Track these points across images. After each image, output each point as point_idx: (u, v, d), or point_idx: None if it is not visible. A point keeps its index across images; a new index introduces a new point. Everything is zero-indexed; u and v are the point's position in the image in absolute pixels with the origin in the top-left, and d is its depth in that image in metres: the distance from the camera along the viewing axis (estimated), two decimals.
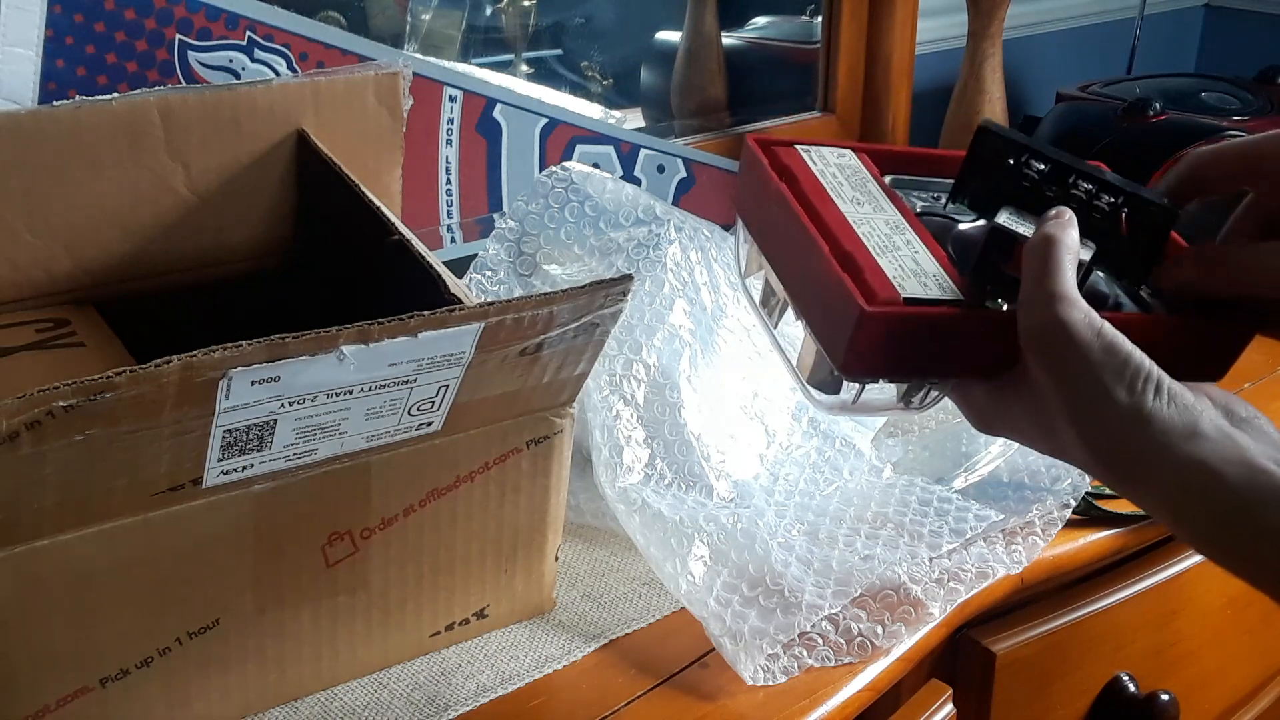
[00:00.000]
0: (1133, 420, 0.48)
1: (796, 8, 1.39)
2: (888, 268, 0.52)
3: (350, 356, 0.51)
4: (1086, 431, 0.50)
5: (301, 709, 0.62)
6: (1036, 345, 0.50)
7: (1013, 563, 0.73)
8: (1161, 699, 0.83)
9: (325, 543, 0.59)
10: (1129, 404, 0.48)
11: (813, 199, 0.56)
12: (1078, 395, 0.49)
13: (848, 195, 0.57)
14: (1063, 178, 0.54)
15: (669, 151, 1.16)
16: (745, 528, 0.70)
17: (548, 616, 0.70)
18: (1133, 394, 0.48)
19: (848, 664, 0.66)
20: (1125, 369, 0.48)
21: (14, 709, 0.54)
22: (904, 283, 0.51)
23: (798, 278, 0.56)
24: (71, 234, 0.70)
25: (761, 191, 0.58)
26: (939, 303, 0.52)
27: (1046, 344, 0.50)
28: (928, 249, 0.54)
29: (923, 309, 0.51)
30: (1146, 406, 0.48)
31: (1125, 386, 0.48)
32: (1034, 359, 0.51)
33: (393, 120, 0.78)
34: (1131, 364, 0.48)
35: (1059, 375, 0.50)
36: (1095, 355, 0.48)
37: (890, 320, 0.50)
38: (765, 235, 0.59)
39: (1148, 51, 1.57)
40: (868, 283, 0.51)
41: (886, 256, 0.53)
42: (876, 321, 0.50)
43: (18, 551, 0.50)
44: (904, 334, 0.51)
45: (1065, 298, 0.49)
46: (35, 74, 0.80)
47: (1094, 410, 0.49)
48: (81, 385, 0.45)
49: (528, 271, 0.81)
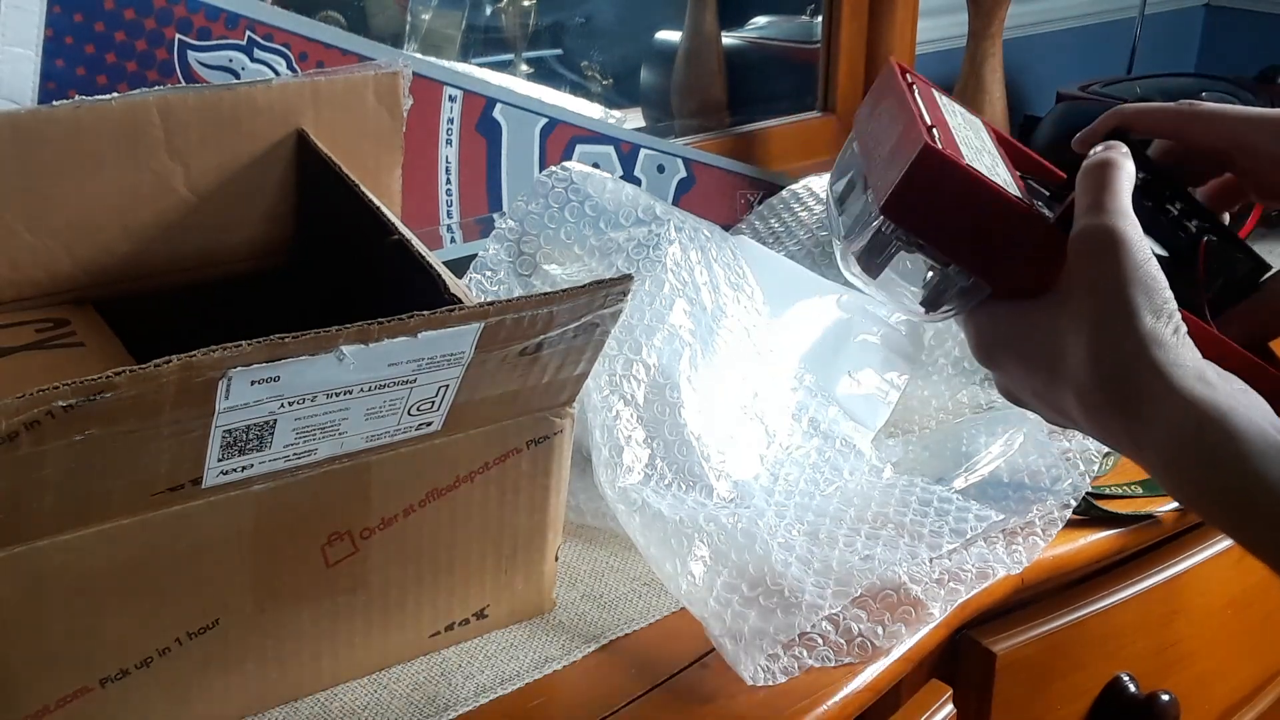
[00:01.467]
0: (1149, 343, 0.48)
1: (796, 7, 1.39)
2: (965, 152, 0.53)
3: (350, 356, 0.51)
4: (1101, 346, 0.49)
5: (301, 709, 0.62)
6: (1084, 248, 0.50)
7: (1013, 563, 0.73)
8: (1162, 699, 0.83)
9: (325, 542, 0.59)
10: (1150, 327, 0.48)
11: (925, 104, 0.57)
12: (1106, 305, 0.49)
13: (958, 120, 0.58)
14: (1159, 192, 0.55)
15: (669, 151, 1.16)
16: (745, 528, 0.70)
17: (548, 617, 0.70)
18: (1157, 320, 0.48)
19: (848, 664, 0.65)
20: (1158, 299, 0.49)
21: (14, 709, 0.54)
22: (974, 163, 0.52)
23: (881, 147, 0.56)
24: (71, 234, 0.70)
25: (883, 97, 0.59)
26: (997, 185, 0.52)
27: (1095, 248, 0.49)
28: (1010, 174, 0.55)
29: (979, 175, 0.51)
30: (1166, 335, 0.48)
31: (1153, 313, 0.48)
32: (1076, 262, 0.50)
33: (392, 120, 0.78)
34: (1166, 297, 0.49)
35: (1095, 283, 0.49)
36: (1138, 274, 0.49)
37: (946, 166, 0.51)
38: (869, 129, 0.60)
39: (1148, 51, 1.57)
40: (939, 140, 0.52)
41: (968, 150, 0.54)
42: (934, 161, 0.50)
43: (18, 551, 0.50)
44: (953, 189, 0.51)
45: (1123, 213, 0.50)
46: (35, 74, 0.80)
47: (1117, 324, 0.49)
48: (81, 385, 0.45)
49: (528, 271, 0.81)
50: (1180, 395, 0.47)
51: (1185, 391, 0.47)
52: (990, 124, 0.63)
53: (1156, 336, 0.48)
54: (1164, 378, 0.48)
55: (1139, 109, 0.60)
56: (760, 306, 0.86)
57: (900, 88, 0.57)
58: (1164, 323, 0.48)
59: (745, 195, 1.22)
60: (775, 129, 1.30)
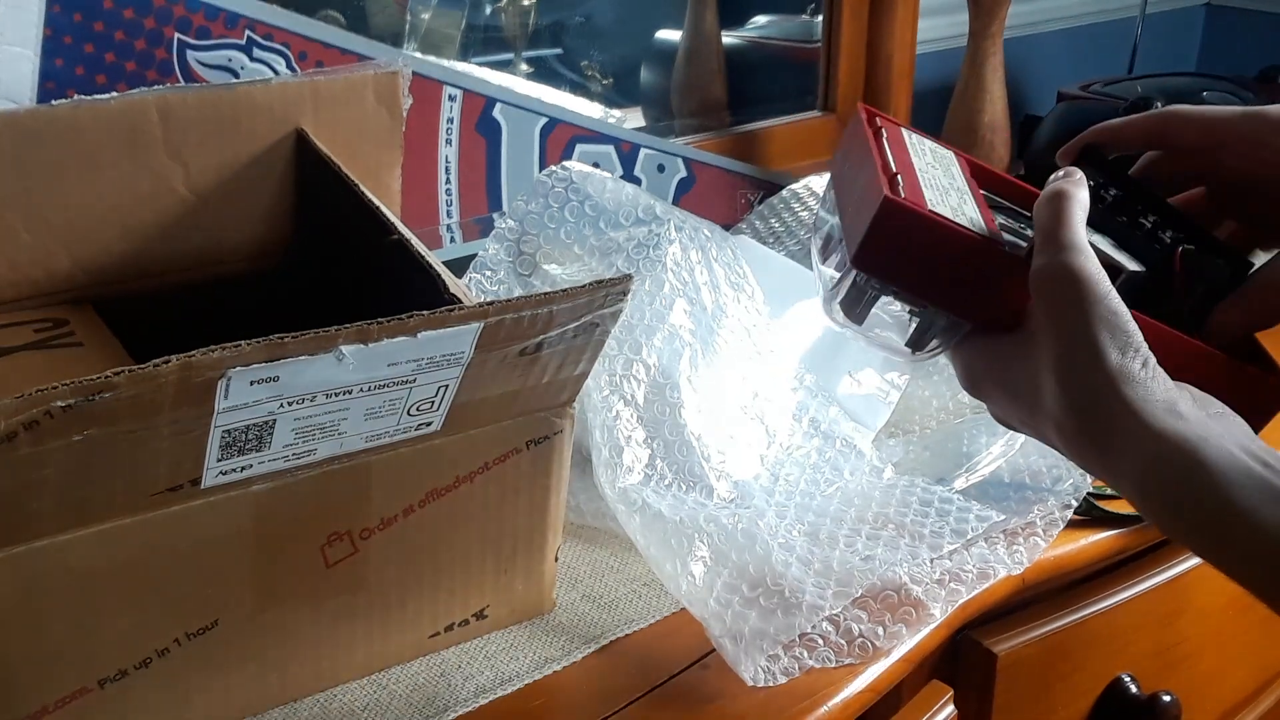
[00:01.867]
0: (1118, 380, 0.48)
1: (796, 7, 1.39)
2: (929, 195, 0.54)
3: (349, 356, 0.51)
4: (1070, 385, 0.50)
5: (301, 709, 0.62)
6: (1044, 288, 0.51)
7: (1014, 563, 0.73)
8: (1163, 700, 0.83)
9: (325, 543, 0.59)
10: (1117, 364, 0.49)
11: (891, 147, 0.58)
12: (1071, 345, 0.49)
13: (926, 160, 0.59)
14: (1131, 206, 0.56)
15: (669, 151, 1.16)
16: (745, 528, 0.70)
17: (548, 617, 0.70)
18: (1123, 356, 0.49)
19: (849, 665, 0.65)
20: (1122, 334, 0.49)
21: (13, 709, 0.54)
22: (938, 207, 0.53)
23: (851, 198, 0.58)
24: (70, 234, 0.70)
25: (851, 143, 0.61)
26: (960, 226, 0.53)
27: (1054, 287, 0.50)
28: (978, 209, 0.56)
29: (942, 219, 0.52)
30: (1134, 372, 0.49)
31: (1118, 348, 0.49)
32: (1038, 301, 0.51)
33: (392, 120, 0.78)
34: (1130, 331, 0.49)
35: (1058, 321, 0.50)
36: (1099, 310, 0.49)
37: (908, 216, 0.52)
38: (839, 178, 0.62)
39: (1149, 51, 1.57)
40: (900, 189, 0.53)
41: (933, 192, 0.55)
42: (895, 212, 0.52)
43: (17, 551, 0.50)
44: (916, 235, 0.52)
45: (1077, 247, 0.50)
46: (34, 73, 0.80)
47: (1083, 363, 0.49)
48: (80, 385, 0.44)
49: (528, 271, 0.81)
50: (1151, 430, 0.48)
51: (1156, 426, 0.48)
52: (964, 155, 0.64)
53: (1125, 373, 0.49)
54: (1135, 414, 0.48)
55: (1112, 125, 0.61)
56: (760, 306, 0.86)
57: (865, 135, 0.59)
58: (1131, 358, 0.49)
59: (745, 195, 1.22)
60: (775, 129, 1.30)
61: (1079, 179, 0.53)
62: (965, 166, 0.62)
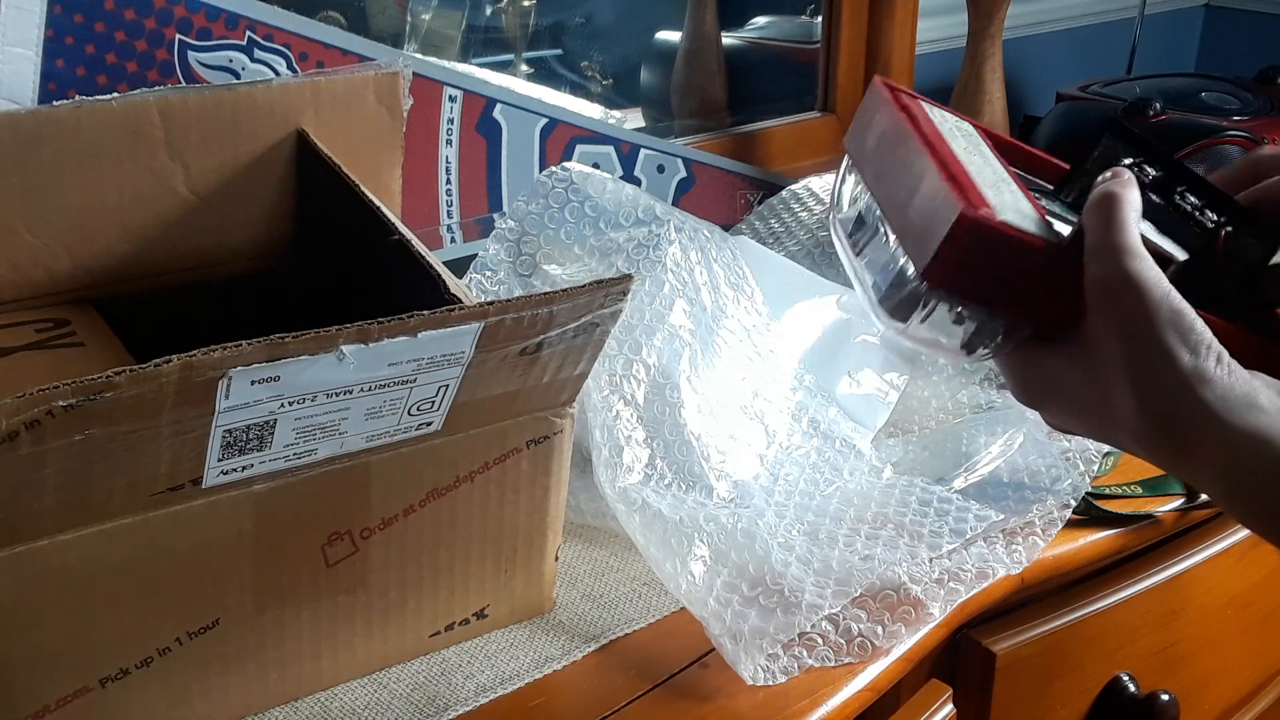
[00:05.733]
0: (1194, 382, 0.47)
1: (796, 8, 1.39)
2: (990, 197, 0.52)
3: (350, 356, 0.51)
4: (1145, 392, 0.48)
5: (301, 709, 0.62)
6: (1103, 298, 0.49)
7: (1013, 563, 0.73)
8: (1162, 699, 0.83)
9: (325, 543, 0.59)
10: (1191, 366, 0.47)
11: (928, 133, 0.56)
12: (1141, 352, 0.48)
13: (961, 144, 0.57)
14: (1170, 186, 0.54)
15: (669, 151, 1.16)
16: (745, 528, 0.70)
17: (547, 617, 0.70)
18: (1196, 356, 0.48)
19: (848, 664, 0.66)
20: (1190, 333, 0.48)
21: (14, 709, 0.54)
22: (1003, 213, 0.51)
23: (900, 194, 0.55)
24: (71, 234, 0.70)
25: (879, 122, 0.58)
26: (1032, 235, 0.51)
27: (1114, 296, 0.49)
28: (1024, 197, 0.54)
29: (1015, 230, 0.50)
30: (1210, 371, 0.47)
31: (1189, 349, 0.48)
32: (1099, 312, 0.50)
33: (392, 120, 0.78)
34: (1197, 329, 0.48)
35: (1124, 330, 0.49)
36: (1163, 313, 0.48)
37: (984, 229, 0.50)
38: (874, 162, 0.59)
39: (1148, 51, 1.57)
40: (970, 196, 0.51)
41: (990, 190, 0.53)
42: (972, 226, 0.49)
43: (18, 551, 0.50)
44: (992, 249, 0.50)
45: (1133, 252, 0.49)
46: (35, 74, 0.80)
47: (1156, 369, 0.48)
48: (81, 385, 0.45)
49: (528, 271, 0.81)
50: (1234, 430, 0.47)
51: (1238, 425, 0.47)
52: (979, 124, 0.62)
53: (1200, 374, 0.47)
54: (1215, 417, 0.47)
55: None
56: (760, 306, 0.86)
57: (899, 118, 0.56)
58: (1204, 357, 0.48)
59: (745, 195, 1.22)
60: (775, 129, 1.30)
61: (1127, 179, 0.51)
62: (989, 142, 0.60)
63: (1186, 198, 0.54)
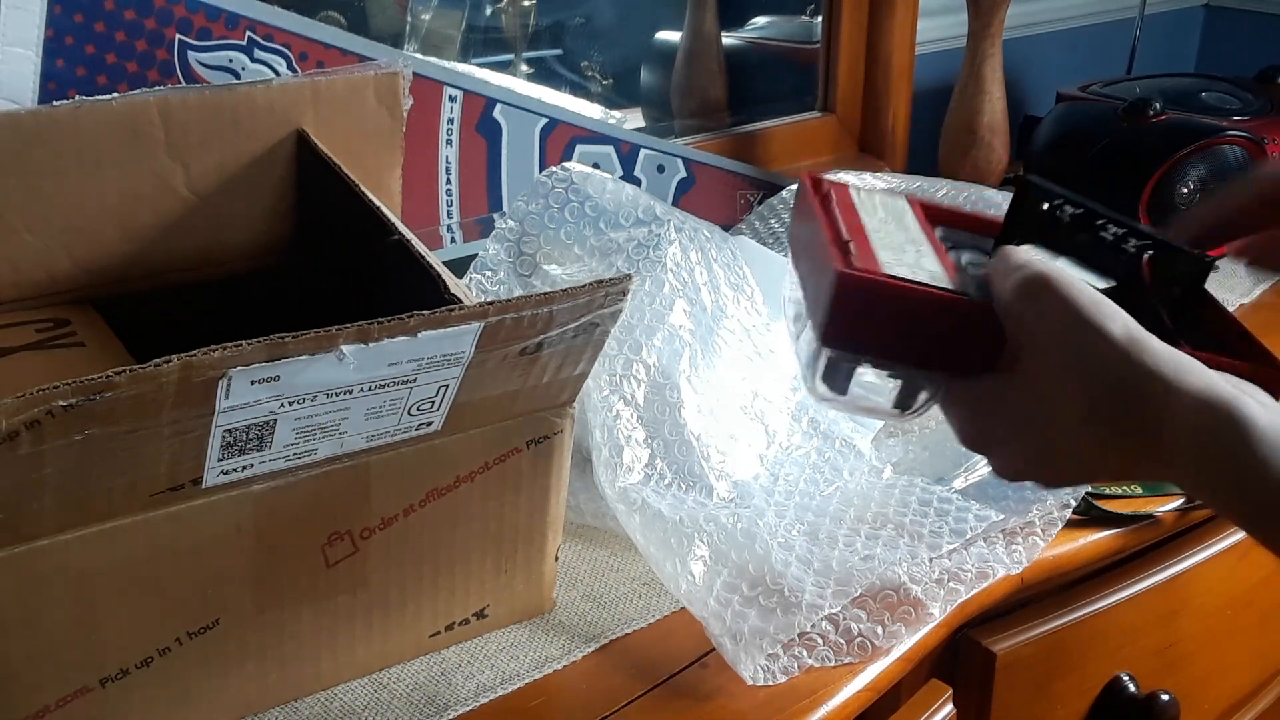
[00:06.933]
0: (1135, 350, 0.46)
1: (796, 8, 1.39)
2: (882, 256, 0.53)
3: (350, 356, 0.51)
4: (1087, 374, 0.47)
5: (301, 709, 0.62)
6: (1017, 306, 0.49)
7: (1013, 563, 0.73)
8: (1162, 699, 0.83)
9: (325, 543, 0.59)
10: (1126, 335, 0.46)
11: (840, 211, 0.58)
12: (1074, 337, 0.47)
13: (878, 217, 0.58)
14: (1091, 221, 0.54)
15: (669, 151, 1.16)
16: (745, 528, 0.70)
17: (547, 617, 0.70)
18: (1129, 329, 0.47)
19: (848, 664, 0.66)
20: (1116, 313, 0.47)
21: (14, 708, 0.54)
22: (894, 269, 0.52)
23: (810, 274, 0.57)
24: (71, 234, 0.70)
25: (800, 214, 0.61)
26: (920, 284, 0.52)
27: (1033, 298, 0.48)
28: (937, 259, 0.55)
29: (900, 282, 0.52)
30: (1146, 338, 0.47)
31: (1119, 323, 0.47)
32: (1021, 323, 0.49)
33: (393, 120, 0.78)
34: (1119, 311, 0.47)
35: (1050, 326, 0.48)
36: (1084, 299, 0.47)
37: (865, 285, 0.51)
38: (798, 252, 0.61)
39: (1148, 51, 1.57)
40: (853, 257, 0.53)
41: (887, 252, 0.54)
42: (850, 281, 0.51)
43: (18, 551, 0.50)
44: (881, 304, 0.52)
45: (1040, 260, 0.49)
46: (35, 74, 0.80)
47: (1091, 348, 0.47)
48: (81, 385, 0.45)
49: (528, 271, 0.81)
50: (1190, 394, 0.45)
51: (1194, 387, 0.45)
52: (916, 201, 0.62)
53: (1138, 342, 0.46)
54: (1167, 382, 0.46)
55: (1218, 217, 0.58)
56: (760, 306, 0.86)
57: (812, 203, 0.58)
58: (1135, 330, 0.47)
59: (745, 195, 1.22)
60: (775, 129, 1.30)
61: None
62: (919, 212, 0.61)
63: (1108, 229, 0.54)
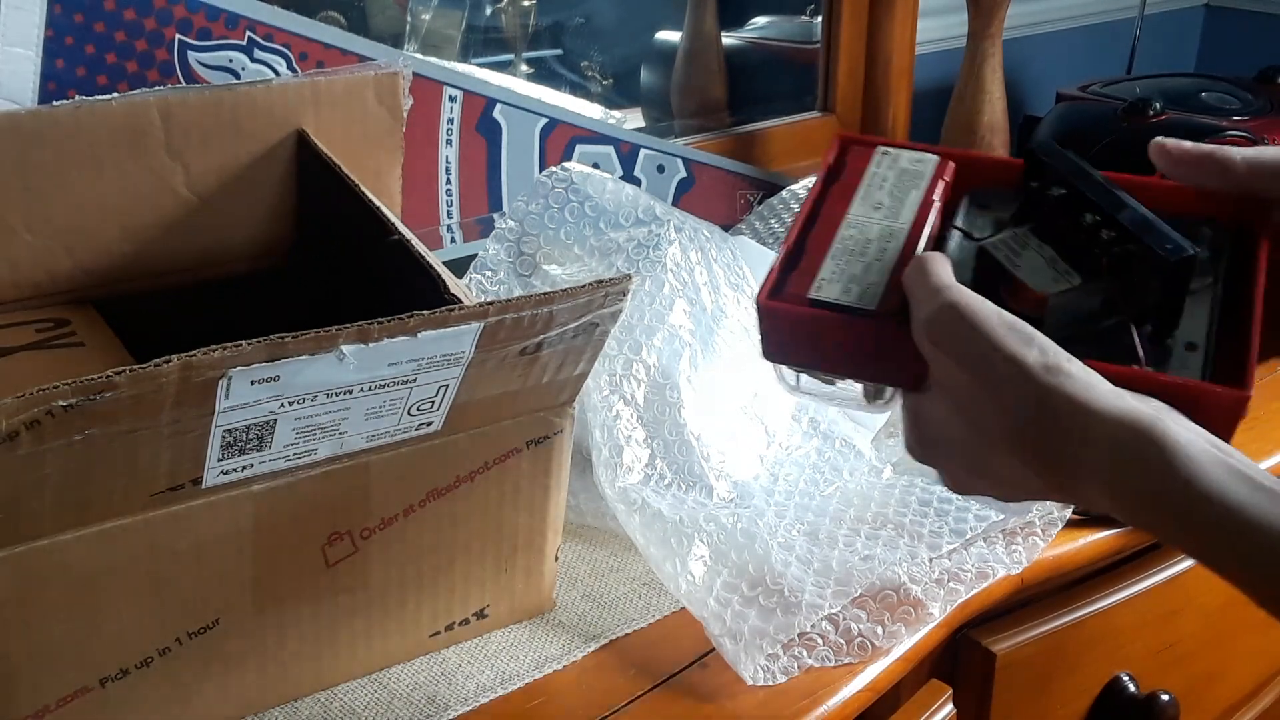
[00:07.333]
0: (1050, 376, 0.46)
1: (796, 8, 1.39)
2: (827, 270, 0.54)
3: (350, 356, 0.51)
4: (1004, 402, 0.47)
5: (301, 709, 0.62)
6: (934, 334, 0.48)
7: (1013, 563, 0.73)
8: (1162, 699, 0.83)
9: (325, 543, 0.59)
10: (1040, 362, 0.46)
11: (833, 197, 0.58)
12: (988, 366, 0.47)
13: (873, 198, 0.57)
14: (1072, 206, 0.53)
15: (669, 151, 1.16)
16: (745, 528, 0.70)
17: (547, 617, 0.70)
18: (1045, 355, 0.46)
19: (848, 664, 0.66)
20: (1032, 338, 0.46)
21: (14, 709, 0.54)
22: (828, 286, 0.53)
23: None
24: (71, 234, 0.70)
25: None
26: (839, 308, 0.52)
27: (945, 330, 0.48)
28: (898, 260, 0.53)
29: (816, 310, 0.52)
30: (1063, 363, 0.46)
31: (1036, 348, 0.46)
32: (937, 352, 0.49)
33: (393, 120, 0.78)
34: (1038, 335, 0.47)
35: (964, 355, 0.47)
36: (996, 326, 0.47)
37: (781, 315, 0.54)
38: None
39: (1148, 51, 1.57)
40: (788, 280, 0.54)
41: (840, 260, 0.54)
42: (770, 314, 0.54)
43: (18, 551, 0.50)
44: (797, 329, 0.54)
45: (951, 286, 0.48)
46: (35, 74, 0.80)
47: (1007, 376, 0.46)
48: (81, 385, 0.45)
49: (528, 271, 0.81)
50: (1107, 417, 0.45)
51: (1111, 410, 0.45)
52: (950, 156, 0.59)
53: (1053, 367, 0.46)
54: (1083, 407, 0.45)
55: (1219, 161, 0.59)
56: None
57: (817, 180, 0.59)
58: (1051, 355, 0.46)
59: (745, 195, 1.22)
60: (775, 129, 1.30)
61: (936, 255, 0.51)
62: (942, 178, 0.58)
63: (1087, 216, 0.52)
